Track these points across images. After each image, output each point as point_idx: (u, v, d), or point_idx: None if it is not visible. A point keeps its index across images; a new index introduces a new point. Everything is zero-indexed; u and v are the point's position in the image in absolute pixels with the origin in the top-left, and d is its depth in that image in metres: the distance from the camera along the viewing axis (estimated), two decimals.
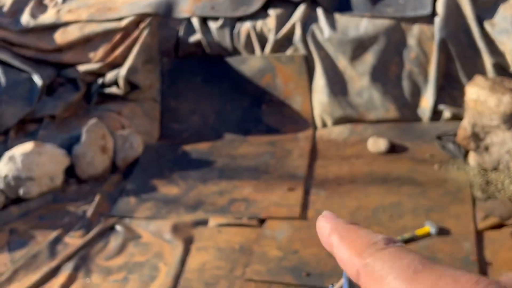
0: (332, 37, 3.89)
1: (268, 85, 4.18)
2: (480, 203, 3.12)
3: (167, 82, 4.30)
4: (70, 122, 3.97)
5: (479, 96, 3.27)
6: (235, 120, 4.21)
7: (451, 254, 2.76)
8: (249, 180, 3.58)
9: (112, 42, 4.19)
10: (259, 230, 3.05)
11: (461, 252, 2.77)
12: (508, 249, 2.78)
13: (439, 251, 2.78)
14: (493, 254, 2.76)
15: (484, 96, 3.24)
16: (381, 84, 3.88)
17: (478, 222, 2.97)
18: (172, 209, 3.29)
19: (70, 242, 3.03)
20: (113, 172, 3.67)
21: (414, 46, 3.79)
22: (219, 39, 4.14)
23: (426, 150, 3.69)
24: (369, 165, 3.63)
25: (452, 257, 2.74)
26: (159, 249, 2.93)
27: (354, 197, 3.30)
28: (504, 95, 3.17)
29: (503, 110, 3.18)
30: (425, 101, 3.84)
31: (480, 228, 2.93)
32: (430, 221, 2.96)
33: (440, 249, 2.80)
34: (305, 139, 4.01)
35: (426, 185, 3.34)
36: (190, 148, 4.00)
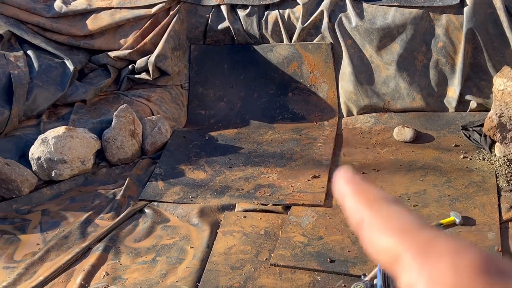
0: (360, 25, 3.90)
1: (294, 73, 4.21)
2: (505, 194, 3.12)
3: (195, 69, 4.36)
4: (101, 107, 4.06)
5: (506, 86, 3.26)
6: (261, 107, 4.25)
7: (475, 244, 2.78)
8: (274, 166, 3.63)
9: (142, 28, 4.26)
10: (284, 216, 3.10)
11: (485, 242, 2.79)
12: None
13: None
14: None
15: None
16: (407, 74, 3.89)
17: (503, 212, 2.98)
18: (199, 193, 3.36)
19: (101, 223, 3.12)
20: (142, 157, 3.76)
21: (442, 35, 3.78)
22: (247, 26, 4.18)
23: (451, 140, 3.70)
24: (394, 153, 3.65)
25: None
26: (187, 233, 3.01)
27: (379, 185, 3.33)
28: None
29: None
30: (452, 91, 3.84)
31: (505, 219, 2.94)
32: (455, 211, 2.98)
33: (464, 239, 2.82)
34: (330, 127, 4.04)
35: (451, 174, 3.35)
36: (216, 134, 4.07)
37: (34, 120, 3.88)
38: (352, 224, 0.41)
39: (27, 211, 3.26)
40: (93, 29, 4.29)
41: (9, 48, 4.18)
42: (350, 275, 2.60)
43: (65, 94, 4.00)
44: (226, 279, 2.64)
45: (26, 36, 4.21)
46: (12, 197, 3.32)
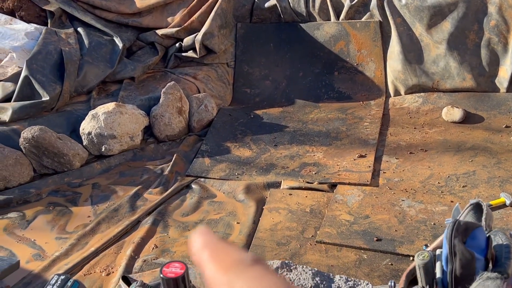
0: (410, 3, 3.82)
1: (341, 51, 4.18)
2: None
3: (241, 47, 4.37)
4: (149, 84, 4.12)
5: None
6: (306, 86, 4.24)
7: None
8: (320, 145, 3.62)
9: (190, 6, 4.28)
10: (330, 195, 3.10)
11: None
12: None
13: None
14: None
15: None
16: (458, 53, 3.80)
17: None
18: (245, 171, 3.39)
19: (149, 198, 3.19)
20: (188, 133, 3.80)
21: (495, 13, 3.67)
22: (294, 4, 4.15)
23: (502, 121, 3.62)
24: (443, 134, 3.59)
25: None
26: (233, 208, 3.05)
27: (427, 165, 3.29)
28: None
29: None
30: (503, 70, 3.74)
31: None
32: (505, 192, 2.93)
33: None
34: (377, 107, 4.00)
35: (501, 156, 3.28)
36: (261, 113, 4.08)
37: (85, 96, 3.97)
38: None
39: (78, 185, 3.36)
40: (141, 7, 4.34)
41: (60, 25, 4.27)
42: (397, 254, 2.58)
43: (114, 71, 4.07)
44: (272, 254, 2.66)
45: (77, 14, 4.29)
46: (64, 171, 3.41)
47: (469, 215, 1.02)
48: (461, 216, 1.04)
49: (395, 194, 3.07)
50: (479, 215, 1.00)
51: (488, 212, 1.03)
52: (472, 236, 0.87)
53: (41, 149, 3.30)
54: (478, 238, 0.87)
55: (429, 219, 2.82)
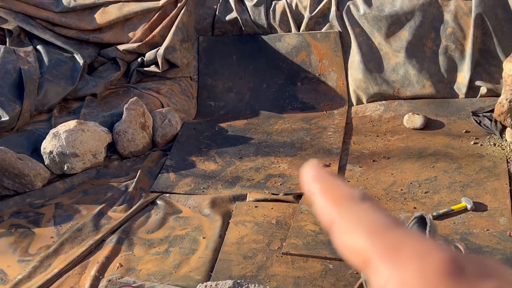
0: (368, 13, 3.89)
1: (303, 62, 4.21)
2: None
3: (203, 61, 4.37)
4: (111, 100, 4.09)
5: None
6: (270, 97, 4.26)
7: (487, 229, 2.78)
8: (285, 156, 3.64)
9: (151, 21, 4.27)
10: (295, 205, 3.12)
11: (497, 227, 2.79)
12: None
13: (475, 226, 2.81)
14: None
15: None
16: (416, 60, 3.87)
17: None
18: (211, 184, 3.38)
19: (113, 216, 3.15)
20: (152, 149, 3.78)
21: (451, 21, 3.76)
22: (254, 17, 4.18)
23: (462, 126, 3.69)
24: (405, 141, 3.65)
25: (488, 232, 2.76)
26: (199, 223, 3.03)
27: (390, 172, 3.34)
28: None
29: None
30: (461, 77, 3.82)
31: None
32: (466, 197, 2.98)
33: (476, 225, 2.82)
34: (340, 116, 4.04)
35: (462, 160, 3.35)
36: (226, 125, 4.08)
37: (45, 115, 3.92)
38: (323, 224, 0.39)
39: (41, 205, 3.30)
40: (102, 22, 4.31)
41: (18, 43, 4.21)
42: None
43: (75, 88, 4.03)
44: (239, 268, 2.66)
45: (36, 31, 4.24)
46: (26, 191, 3.35)
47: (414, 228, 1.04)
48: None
49: None
50: (424, 228, 1.01)
51: (432, 225, 1.05)
52: None
53: (1, 171, 3.24)
54: None
55: None
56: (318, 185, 0.40)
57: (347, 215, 0.37)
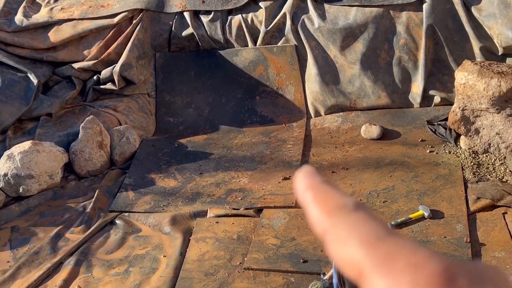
0: (322, 26, 3.94)
1: (261, 76, 4.23)
2: (471, 186, 3.18)
3: (161, 77, 4.35)
4: (67, 119, 4.02)
5: (467, 80, 3.32)
6: (229, 112, 4.26)
7: (444, 237, 2.83)
8: (245, 170, 3.64)
9: (106, 38, 4.23)
10: (256, 220, 3.11)
11: (454, 234, 2.84)
12: (500, 230, 2.84)
13: (433, 234, 2.85)
14: (486, 235, 2.82)
15: (473, 81, 3.30)
16: (371, 72, 3.94)
17: (470, 204, 3.03)
18: (171, 201, 3.35)
19: (71, 237, 3.09)
20: (111, 167, 3.73)
21: (403, 33, 3.84)
22: (211, 32, 4.19)
23: (417, 135, 3.76)
24: (363, 151, 3.69)
25: (445, 239, 2.81)
26: (159, 242, 3.00)
27: (349, 183, 3.37)
28: (492, 79, 3.23)
29: (491, 93, 3.24)
30: (416, 87, 3.90)
31: (473, 210, 2.99)
32: (423, 205, 3.03)
33: (433, 232, 2.86)
34: (299, 128, 4.07)
35: (419, 169, 3.40)
36: (186, 141, 4.06)
37: (0, 136, 3.82)
38: (317, 234, 0.39)
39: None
40: (56, 41, 4.25)
41: None
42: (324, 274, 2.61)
43: (30, 108, 3.95)
44: (201, 286, 2.64)
45: None
46: None
47: None
48: None
49: None
50: None
51: None
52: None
53: None
54: None
55: None
56: (311, 194, 0.40)
57: (340, 225, 0.37)
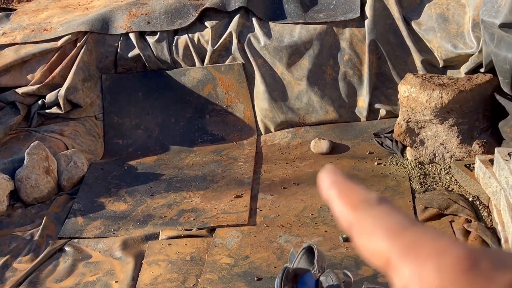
0: (268, 44, 3.98)
1: (209, 95, 4.24)
2: (419, 196, 3.26)
3: (108, 99, 4.29)
4: (12, 146, 3.92)
5: (410, 93, 3.42)
6: (179, 131, 4.24)
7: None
8: (197, 190, 3.62)
9: (50, 62, 4.16)
10: (209, 239, 3.09)
11: None
12: None
13: None
14: None
15: (416, 93, 3.39)
16: (318, 87, 4.00)
17: (418, 214, 3.10)
18: (121, 225, 3.30)
19: (19, 267, 2.99)
20: (58, 193, 3.65)
21: (347, 48, 3.92)
22: (157, 52, 4.17)
23: (365, 148, 3.83)
24: (313, 166, 3.73)
25: None
26: (110, 267, 2.94)
27: (300, 198, 3.39)
28: (434, 91, 3.33)
29: (433, 105, 3.33)
30: (361, 101, 3.98)
31: (421, 220, 3.06)
32: None
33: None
34: (250, 146, 4.08)
35: (368, 181, 3.46)
36: (136, 163, 4.01)
37: None
38: (343, 229, 0.40)
39: None
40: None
41: None
42: None
43: None
44: None
45: None
46: None
47: (303, 259, 1.06)
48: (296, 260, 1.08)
49: (273, 231, 3.12)
50: (313, 257, 1.04)
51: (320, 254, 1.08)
52: (302, 282, 0.90)
53: None
54: (307, 283, 0.90)
55: None
56: (335, 191, 0.41)
57: (365, 218, 0.38)
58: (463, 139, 3.43)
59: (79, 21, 4.26)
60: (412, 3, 3.85)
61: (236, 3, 4.06)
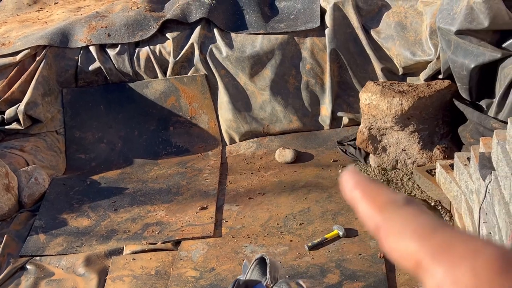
0: (230, 55, 3.98)
1: (173, 106, 4.21)
2: None
3: (69, 113, 4.23)
4: None
5: (371, 101, 3.46)
6: (143, 144, 4.20)
7: (359, 254, 2.89)
8: (161, 203, 3.59)
9: (8, 77, 4.08)
10: (175, 253, 3.07)
11: (368, 250, 2.91)
12: None
13: (348, 252, 2.91)
14: None
15: (376, 101, 3.43)
16: (281, 97, 4.01)
17: None
18: (84, 241, 3.24)
19: None
20: (19, 211, 3.57)
21: (308, 58, 3.95)
22: (118, 65, 4.13)
23: (330, 156, 3.85)
24: (278, 175, 3.73)
25: (360, 256, 2.87)
26: (73, 284, 2.88)
27: (265, 208, 3.39)
28: (394, 98, 3.38)
29: (394, 112, 3.38)
30: (324, 109, 4.01)
31: None
32: (338, 225, 3.09)
33: (348, 250, 2.93)
34: (214, 157, 4.07)
35: (332, 189, 3.48)
36: (99, 177, 3.96)
37: None
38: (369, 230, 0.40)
39: None
40: None
41: None
42: None
43: None
44: None
45: None
46: None
47: (255, 270, 1.06)
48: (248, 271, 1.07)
49: (238, 242, 3.11)
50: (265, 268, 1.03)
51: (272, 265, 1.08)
52: None
53: None
54: None
55: None
56: (359, 192, 0.40)
57: (393, 220, 0.37)
58: (424, 145, 3.48)
59: (38, 35, 4.20)
60: (371, 12, 3.91)
61: (197, 14, 4.06)
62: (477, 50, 3.20)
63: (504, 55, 3.18)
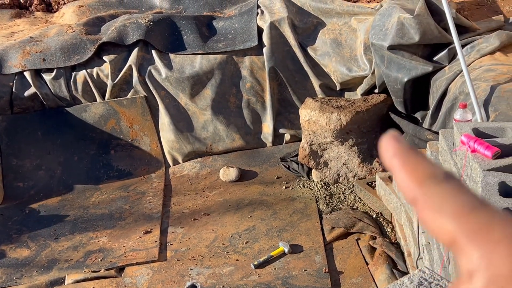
0: (170, 76, 3.97)
1: (113, 130, 4.15)
2: (326, 216, 3.32)
3: (5, 141, 4.10)
4: None
5: (311, 117, 3.50)
6: (83, 169, 4.11)
7: (305, 270, 2.91)
8: (104, 229, 3.51)
9: None
10: (119, 280, 3.00)
11: (313, 266, 2.93)
12: (355, 256, 2.99)
13: (294, 268, 2.92)
14: (343, 263, 2.95)
15: (316, 117, 3.48)
16: (223, 116, 4.02)
17: (326, 234, 3.16)
18: (24, 273, 3.13)
19: None
20: None
21: (248, 76, 3.97)
22: (55, 90, 4.05)
23: (273, 173, 3.87)
24: (223, 195, 3.72)
25: (306, 272, 2.89)
26: None
27: (211, 229, 3.37)
28: (332, 113, 3.44)
29: (333, 127, 3.43)
30: (266, 127, 4.04)
31: (329, 240, 3.12)
32: (283, 241, 3.10)
33: (294, 267, 2.94)
34: (158, 179, 4.02)
35: (277, 206, 3.50)
36: (38, 206, 3.84)
37: None
38: (407, 200, 0.39)
39: None
40: None
41: None
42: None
43: None
44: None
45: None
46: None
47: None
48: None
49: (184, 265, 3.07)
50: None
51: None
52: None
53: None
54: None
55: (218, 283, 2.87)
56: (399, 162, 0.39)
57: (432, 195, 0.36)
58: (364, 158, 3.55)
59: None
60: (307, 30, 3.97)
61: (134, 36, 4.02)
62: (409, 64, 3.30)
63: (435, 68, 3.30)
